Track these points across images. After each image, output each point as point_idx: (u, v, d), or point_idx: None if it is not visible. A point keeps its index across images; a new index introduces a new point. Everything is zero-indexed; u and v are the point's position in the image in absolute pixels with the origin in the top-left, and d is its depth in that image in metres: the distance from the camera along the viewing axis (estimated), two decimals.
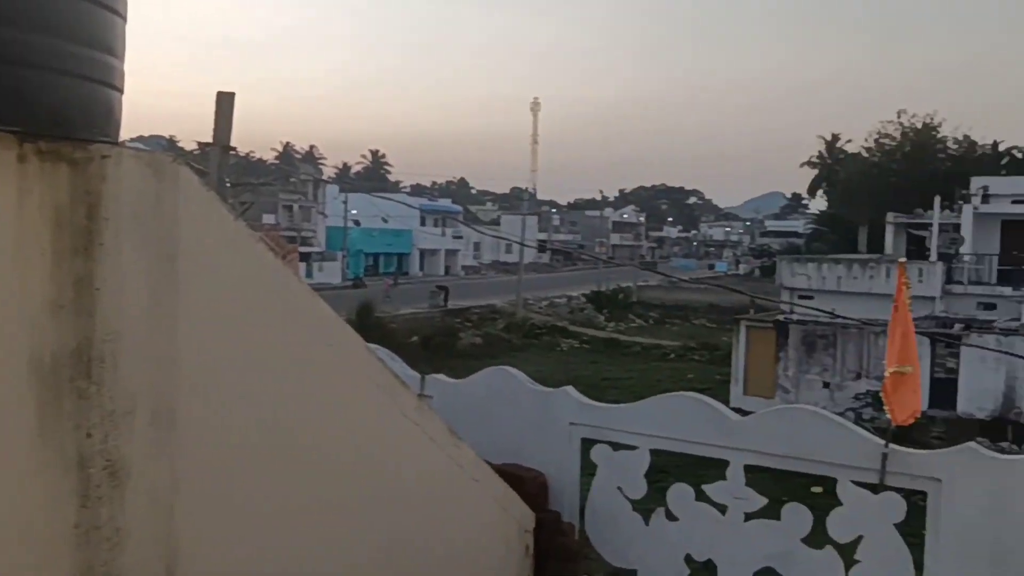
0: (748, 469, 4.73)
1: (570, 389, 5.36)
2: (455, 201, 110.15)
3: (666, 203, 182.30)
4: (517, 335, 43.89)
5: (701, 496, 4.92)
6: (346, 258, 69.31)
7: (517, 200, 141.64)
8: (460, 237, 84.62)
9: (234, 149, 4.85)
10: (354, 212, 73.21)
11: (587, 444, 5.21)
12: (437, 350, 36.66)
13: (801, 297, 30.90)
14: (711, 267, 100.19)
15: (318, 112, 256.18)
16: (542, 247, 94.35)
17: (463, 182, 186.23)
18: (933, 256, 33.58)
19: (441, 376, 5.80)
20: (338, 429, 3.87)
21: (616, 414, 5.10)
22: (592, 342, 43.73)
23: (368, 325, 31.82)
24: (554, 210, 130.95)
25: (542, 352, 40.44)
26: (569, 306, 56.70)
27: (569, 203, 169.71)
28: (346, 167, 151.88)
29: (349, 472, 3.91)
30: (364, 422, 4.02)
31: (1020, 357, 23.03)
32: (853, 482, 4.36)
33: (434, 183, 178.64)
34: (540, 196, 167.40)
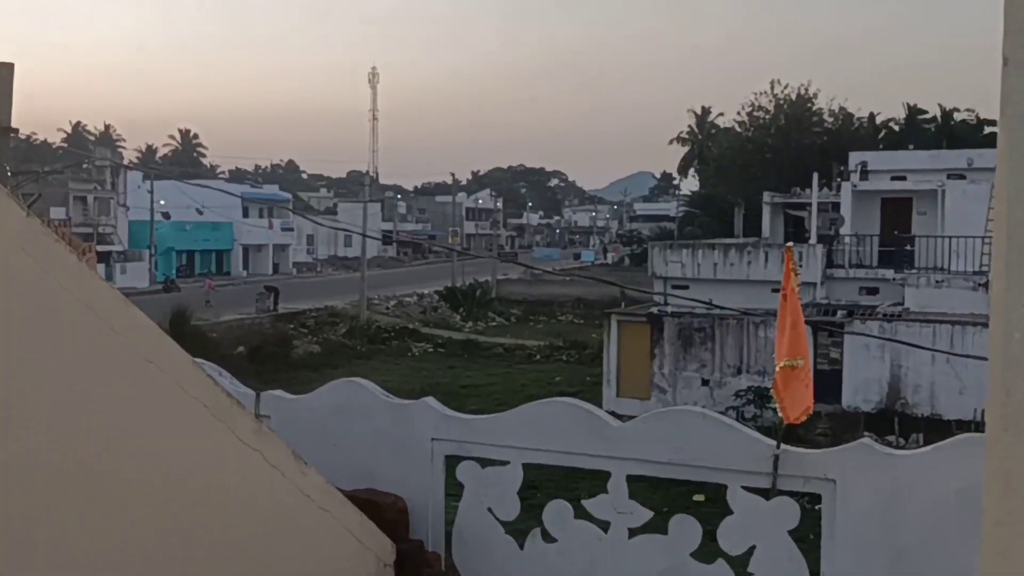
0: (628, 480, 4.86)
1: (431, 400, 5.35)
2: (283, 188, 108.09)
3: (525, 186, 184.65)
4: (361, 341, 43.58)
5: (580, 512, 5.01)
6: (154, 257, 67.04)
7: (356, 185, 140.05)
8: (290, 229, 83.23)
9: (15, 131, 4.64)
10: (162, 203, 70.88)
11: (452, 462, 5.23)
12: (268, 361, 36.04)
13: (675, 287, 31.90)
14: (577, 257, 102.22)
15: (113, 85, 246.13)
16: (387, 239, 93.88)
17: (292, 165, 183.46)
18: (813, 238, 35.30)
19: (279, 392, 5.69)
20: (162, 460, 3.75)
21: (483, 426, 5.13)
22: (448, 345, 43.88)
23: (184, 335, 30.95)
24: (399, 196, 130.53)
25: (391, 359, 40.31)
26: (420, 305, 56.68)
27: (416, 188, 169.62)
28: (151, 150, 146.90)
29: (176, 509, 3.80)
30: (193, 450, 3.91)
31: (904, 344, 24.52)
32: (744, 488, 4.55)
33: (258, 167, 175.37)
34: (383, 180, 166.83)
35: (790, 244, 5.15)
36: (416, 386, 30.95)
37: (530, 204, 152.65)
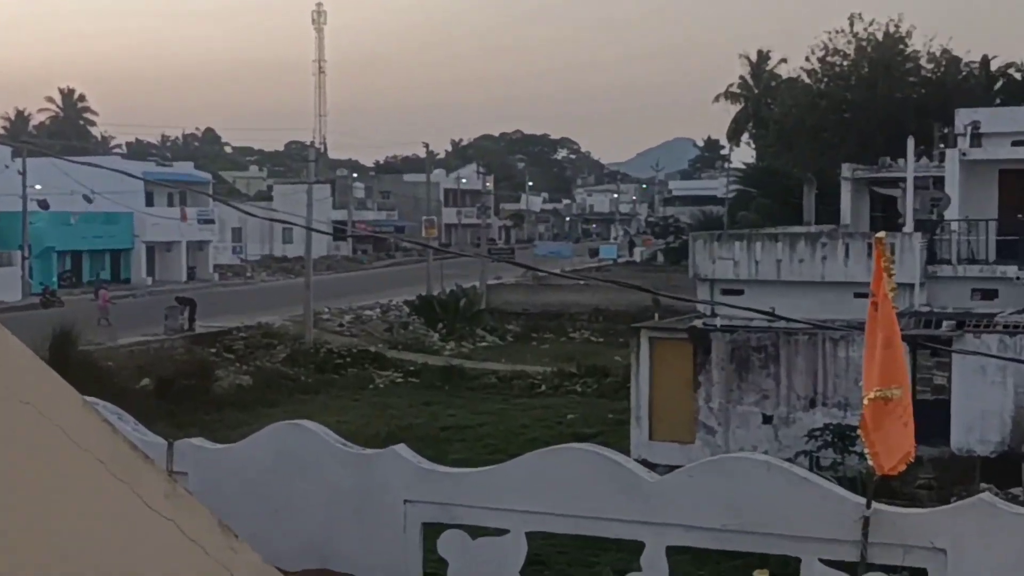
0: (669, 552, 4.84)
1: (402, 449, 5.33)
2: (200, 166, 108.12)
3: (524, 160, 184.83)
4: (307, 369, 43.55)
5: None
6: (28, 261, 66.99)
7: (297, 161, 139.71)
8: (211, 221, 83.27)
9: None
10: (38, 187, 70.81)
11: (432, 530, 5.21)
12: (183, 399, 35.91)
13: (726, 292, 31.91)
14: (594, 253, 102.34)
15: None
16: (340, 232, 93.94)
17: (211, 135, 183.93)
18: (908, 225, 35.33)
19: (198, 441, 5.69)
20: (41, 534, 3.74)
21: (472, 483, 5.10)
22: (423, 373, 43.87)
23: (70, 364, 30.92)
24: (355, 175, 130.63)
25: (347, 393, 40.29)
26: (386, 320, 56.64)
27: (378, 164, 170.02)
28: (21, 116, 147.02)
29: None
30: (83, 520, 3.90)
31: None
32: (823, 561, 4.52)
33: (165, 138, 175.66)
34: (333, 154, 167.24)
35: (881, 234, 5.15)
36: (381, 430, 30.88)
37: (531, 183, 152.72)
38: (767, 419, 28.51)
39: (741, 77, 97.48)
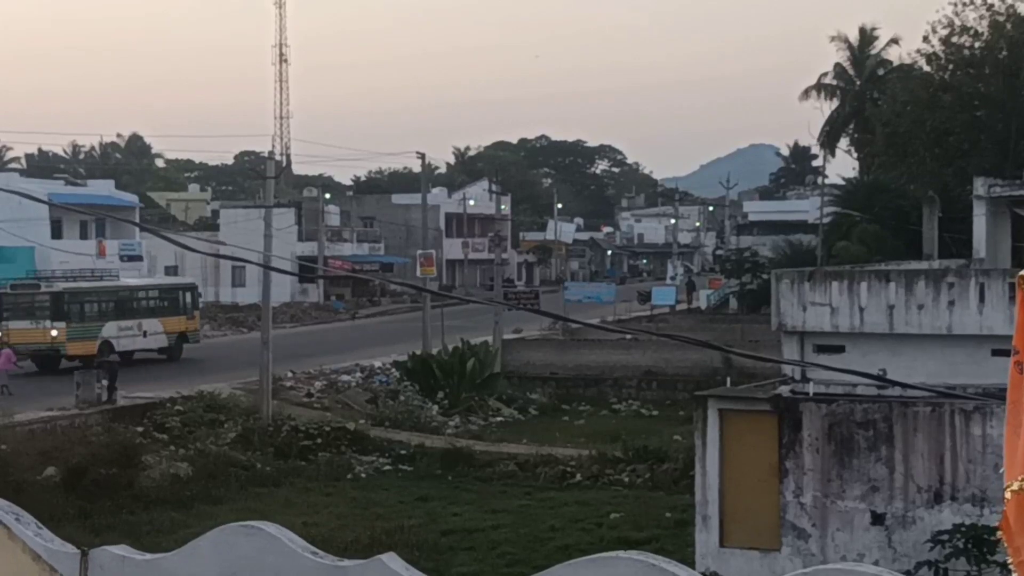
0: None
1: (390, 559, 5.35)
2: (123, 185, 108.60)
3: (551, 174, 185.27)
4: (265, 453, 43.49)
5: None
6: None
7: (251, 179, 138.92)
8: (137, 257, 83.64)
9: None
10: None
11: None
12: (100, 493, 35.86)
13: (821, 350, 31.83)
14: (645, 298, 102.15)
15: None
16: (308, 271, 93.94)
17: (138, 144, 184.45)
18: None
19: (121, 549, 5.68)
20: None
21: None
22: (419, 458, 43.82)
23: None
24: (328, 196, 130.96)
25: (318, 485, 40.26)
26: (369, 388, 56.58)
27: (357, 181, 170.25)
28: None
29: None
30: None
31: None
32: None
33: (77, 148, 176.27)
34: (299, 169, 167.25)
35: None
36: (363, 534, 30.81)
37: (560, 205, 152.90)
38: (877, 518, 28.34)
39: (837, 65, 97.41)
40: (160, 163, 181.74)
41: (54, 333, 60.11)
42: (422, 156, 77.53)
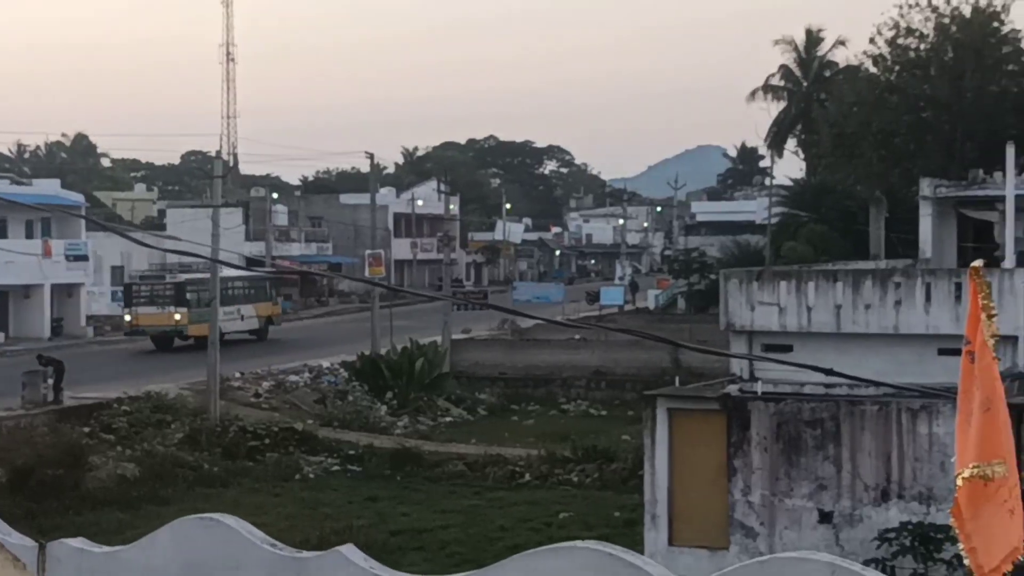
0: None
1: (349, 551, 5.37)
2: (68, 184, 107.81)
3: (500, 174, 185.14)
4: (212, 454, 43.34)
5: None
6: None
7: (198, 179, 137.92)
8: (83, 258, 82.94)
9: None
10: None
11: None
12: (45, 494, 35.68)
13: (770, 348, 31.92)
14: (593, 298, 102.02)
15: None
16: (256, 266, 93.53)
17: (83, 144, 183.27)
18: (1009, 259, 35.48)
19: (78, 542, 5.68)
20: None
21: None
22: (367, 459, 43.76)
23: None
24: (276, 195, 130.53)
25: (266, 486, 40.15)
26: (317, 388, 56.43)
27: (305, 181, 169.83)
28: None
29: None
30: None
31: None
32: None
33: (22, 147, 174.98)
34: (246, 169, 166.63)
35: (977, 263, 5.15)
36: (311, 534, 30.71)
37: (508, 206, 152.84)
38: (825, 517, 28.43)
39: (784, 66, 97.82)
40: (106, 163, 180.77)
41: (177, 317, 70.13)
42: (371, 156, 78.13)
